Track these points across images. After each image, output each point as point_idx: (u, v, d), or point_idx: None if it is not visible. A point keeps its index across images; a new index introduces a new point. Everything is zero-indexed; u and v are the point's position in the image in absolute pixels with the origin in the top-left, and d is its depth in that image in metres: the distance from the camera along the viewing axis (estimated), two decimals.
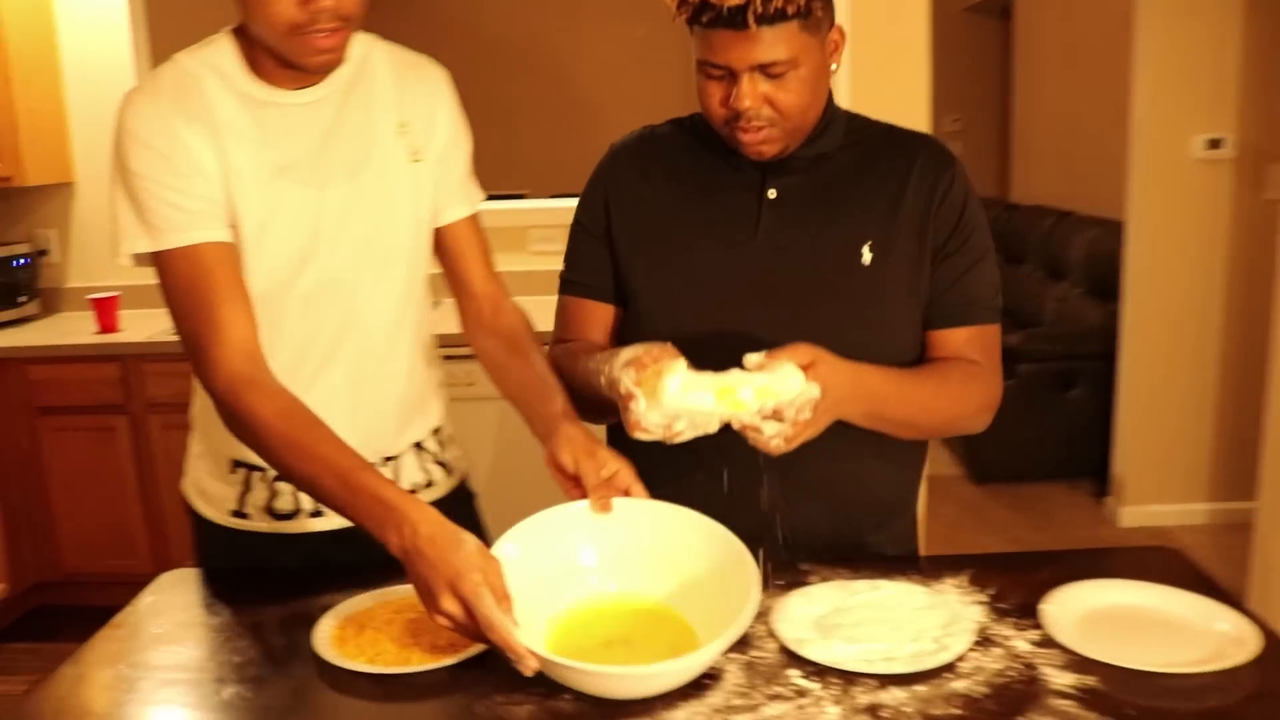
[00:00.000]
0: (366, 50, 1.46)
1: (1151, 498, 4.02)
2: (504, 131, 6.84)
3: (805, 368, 1.20)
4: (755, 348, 1.27)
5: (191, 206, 1.31)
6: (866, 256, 1.38)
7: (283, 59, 1.33)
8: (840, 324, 1.37)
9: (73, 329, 3.59)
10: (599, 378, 1.29)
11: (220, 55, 1.37)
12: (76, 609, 3.49)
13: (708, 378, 1.19)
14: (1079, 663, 1.13)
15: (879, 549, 1.48)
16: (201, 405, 1.49)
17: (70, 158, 3.79)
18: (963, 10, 6.95)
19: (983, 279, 1.43)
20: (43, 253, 3.86)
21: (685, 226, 1.43)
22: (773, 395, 1.18)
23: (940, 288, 1.41)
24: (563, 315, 1.55)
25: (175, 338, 1.37)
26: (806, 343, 1.23)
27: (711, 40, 1.27)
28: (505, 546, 1.20)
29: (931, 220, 1.40)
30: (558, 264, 1.56)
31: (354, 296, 1.44)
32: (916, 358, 1.43)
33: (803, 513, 1.41)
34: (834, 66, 1.35)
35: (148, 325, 3.49)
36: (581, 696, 1.09)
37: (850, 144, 1.43)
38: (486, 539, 1.50)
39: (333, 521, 1.48)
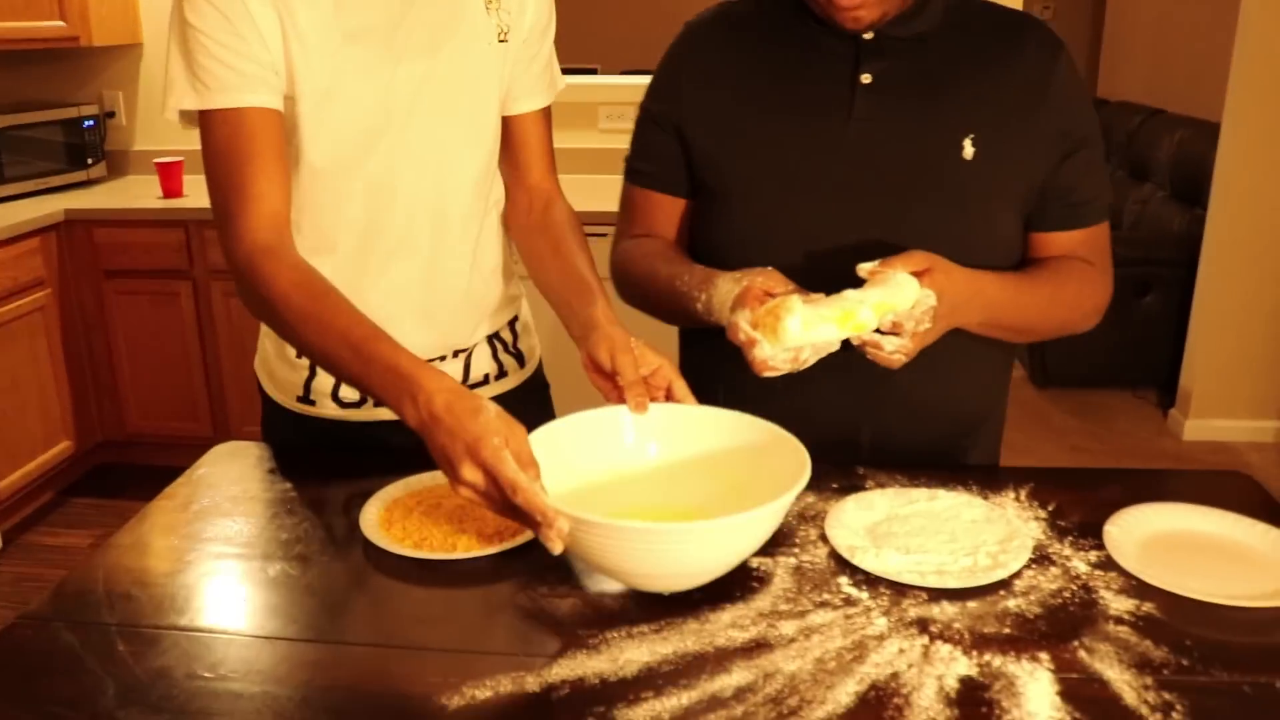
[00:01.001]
0: None
1: (1218, 412, 3.93)
2: (576, 3, 6.65)
3: (920, 274, 1.16)
4: (843, 246, 1.24)
5: (244, 68, 1.25)
6: (968, 150, 1.29)
7: None
8: (937, 222, 1.29)
9: (139, 193, 3.61)
10: (693, 303, 1.27)
11: None
12: (139, 467, 3.60)
13: (825, 308, 1.15)
14: (1138, 588, 1.09)
15: (965, 459, 1.44)
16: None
17: (138, 17, 3.77)
18: None
19: (1100, 175, 1.36)
20: (110, 114, 3.86)
21: (769, 113, 1.33)
22: (890, 309, 1.15)
23: (1058, 190, 1.33)
24: (629, 206, 1.48)
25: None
26: (920, 250, 1.19)
27: None
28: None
29: (1044, 113, 1.30)
30: (626, 142, 1.49)
31: (426, 181, 1.38)
32: (1015, 259, 1.37)
33: (889, 424, 1.37)
34: None
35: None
36: (625, 590, 1.08)
37: (951, 24, 1.32)
38: None
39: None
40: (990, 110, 1.30)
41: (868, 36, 1.30)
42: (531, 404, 1.53)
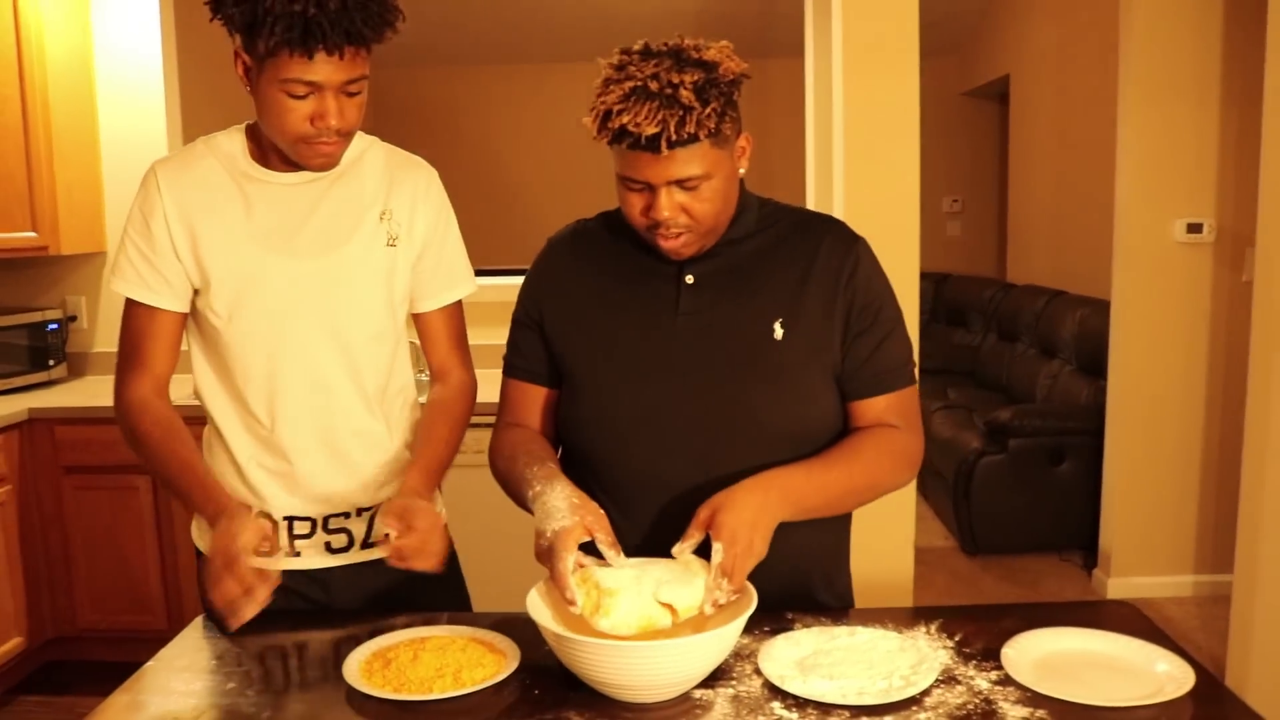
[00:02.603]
0: (364, 148, 1.69)
1: (1138, 570, 4.11)
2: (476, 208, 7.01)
3: (710, 518, 1.34)
4: (677, 423, 1.47)
5: (151, 277, 1.61)
6: (778, 332, 1.49)
7: (288, 158, 1.58)
8: (757, 395, 1.48)
9: (98, 392, 3.73)
10: (532, 503, 1.42)
11: (230, 142, 1.63)
12: (90, 664, 3.59)
13: (634, 616, 1.29)
14: (1032, 699, 1.25)
15: (817, 599, 1.59)
16: (205, 457, 1.71)
17: (104, 228, 3.98)
18: (962, 94, 7.20)
19: (895, 348, 1.55)
20: (72, 318, 4.03)
21: (612, 312, 1.55)
22: (689, 610, 1.31)
23: (856, 362, 1.52)
24: (506, 396, 1.67)
25: (197, 402, 1.69)
26: (708, 500, 1.36)
27: (630, 159, 1.39)
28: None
29: (839, 298, 1.51)
30: (490, 339, 1.71)
31: (324, 356, 1.64)
32: (835, 422, 1.54)
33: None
34: (742, 170, 1.48)
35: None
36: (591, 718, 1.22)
37: (762, 229, 1.55)
38: (465, 595, 1.79)
39: (305, 562, 1.69)
40: (795, 296, 1.51)
41: None
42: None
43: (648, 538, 1.49)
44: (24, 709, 3.42)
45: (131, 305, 1.63)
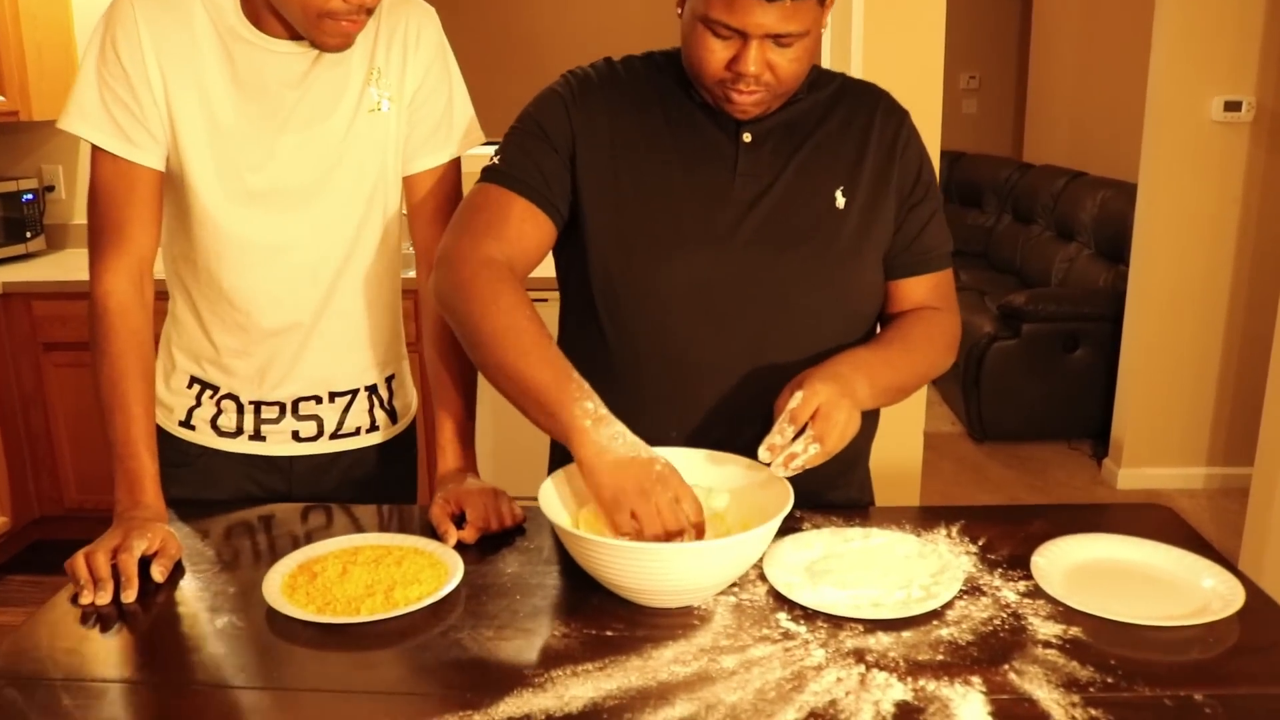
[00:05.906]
0: None
1: (1149, 461, 4.03)
2: (482, 78, 6.67)
3: (801, 384, 1.24)
4: (727, 291, 1.34)
5: (133, 128, 1.39)
6: (840, 200, 1.39)
7: (299, 32, 1.38)
8: (812, 267, 1.37)
9: (77, 265, 3.59)
10: (587, 425, 1.18)
11: None
12: (77, 543, 3.51)
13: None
14: (1065, 614, 1.14)
15: (834, 498, 1.47)
16: (169, 326, 1.59)
17: None
18: None
19: (941, 227, 1.48)
20: (49, 188, 3.85)
21: (659, 165, 1.38)
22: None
23: (906, 239, 1.44)
24: (485, 206, 1.37)
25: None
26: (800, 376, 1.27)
27: (733, 3, 1.23)
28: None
29: (895, 171, 1.42)
30: None
31: (302, 240, 1.48)
32: (879, 306, 1.47)
33: None
34: (823, 28, 1.34)
35: None
36: (570, 631, 1.11)
37: (812, 91, 1.43)
38: (415, 488, 1.70)
39: (269, 448, 1.58)
40: (854, 164, 1.41)
41: None
42: (393, 460, 1.66)
43: (687, 422, 1.37)
44: (11, 588, 3.38)
45: (106, 162, 1.40)
